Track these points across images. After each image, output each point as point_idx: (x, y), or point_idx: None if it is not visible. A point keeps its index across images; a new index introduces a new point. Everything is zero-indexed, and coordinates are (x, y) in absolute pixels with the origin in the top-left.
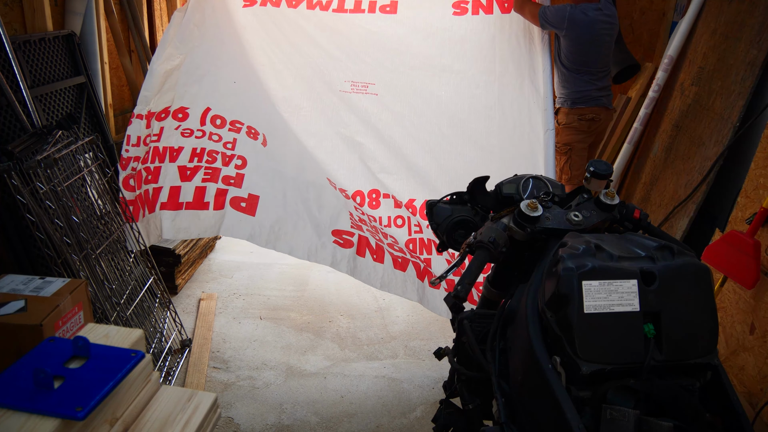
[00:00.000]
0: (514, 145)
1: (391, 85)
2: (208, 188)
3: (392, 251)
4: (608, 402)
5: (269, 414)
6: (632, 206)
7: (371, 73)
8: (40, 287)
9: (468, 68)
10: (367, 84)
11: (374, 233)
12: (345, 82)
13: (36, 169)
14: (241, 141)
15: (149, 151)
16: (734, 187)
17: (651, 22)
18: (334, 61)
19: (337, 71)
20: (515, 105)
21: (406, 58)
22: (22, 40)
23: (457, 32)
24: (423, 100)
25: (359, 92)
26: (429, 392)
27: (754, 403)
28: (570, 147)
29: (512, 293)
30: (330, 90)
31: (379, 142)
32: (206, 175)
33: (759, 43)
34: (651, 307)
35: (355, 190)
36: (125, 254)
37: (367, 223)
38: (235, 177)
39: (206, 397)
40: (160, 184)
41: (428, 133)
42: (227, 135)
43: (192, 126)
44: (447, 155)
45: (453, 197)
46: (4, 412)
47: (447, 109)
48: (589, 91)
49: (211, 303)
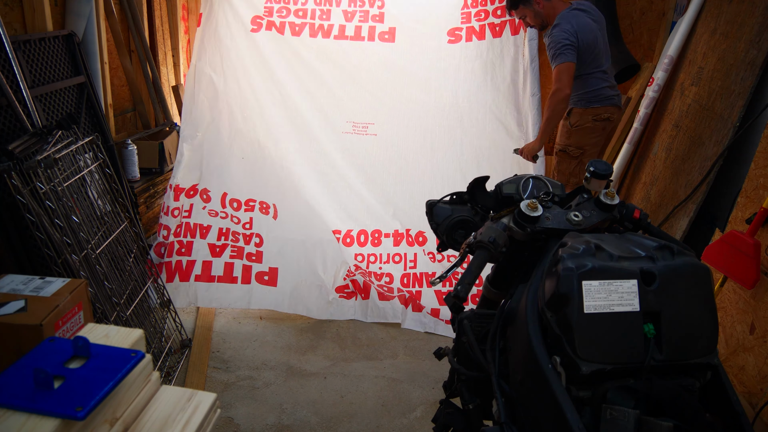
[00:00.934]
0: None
1: (391, 123)
2: (235, 264)
3: (378, 289)
4: (608, 402)
5: (269, 414)
6: (632, 206)
7: (371, 112)
8: (40, 287)
9: (461, 101)
10: (367, 124)
11: (365, 273)
12: (347, 122)
13: (36, 169)
14: (256, 219)
15: (181, 225)
16: (734, 187)
17: (651, 22)
18: (336, 100)
19: (339, 111)
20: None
21: (405, 91)
22: (22, 40)
23: (452, 61)
24: (419, 137)
25: (360, 133)
26: (429, 392)
27: (754, 403)
28: (582, 150)
29: (512, 293)
30: (333, 132)
31: (378, 182)
32: (233, 252)
33: (759, 43)
34: (651, 307)
35: (360, 229)
36: (125, 254)
37: (360, 268)
38: (256, 254)
39: (206, 397)
40: (193, 257)
41: (424, 168)
42: (244, 216)
43: (215, 208)
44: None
45: (453, 197)
46: (4, 412)
47: (441, 143)
48: (600, 90)
49: None
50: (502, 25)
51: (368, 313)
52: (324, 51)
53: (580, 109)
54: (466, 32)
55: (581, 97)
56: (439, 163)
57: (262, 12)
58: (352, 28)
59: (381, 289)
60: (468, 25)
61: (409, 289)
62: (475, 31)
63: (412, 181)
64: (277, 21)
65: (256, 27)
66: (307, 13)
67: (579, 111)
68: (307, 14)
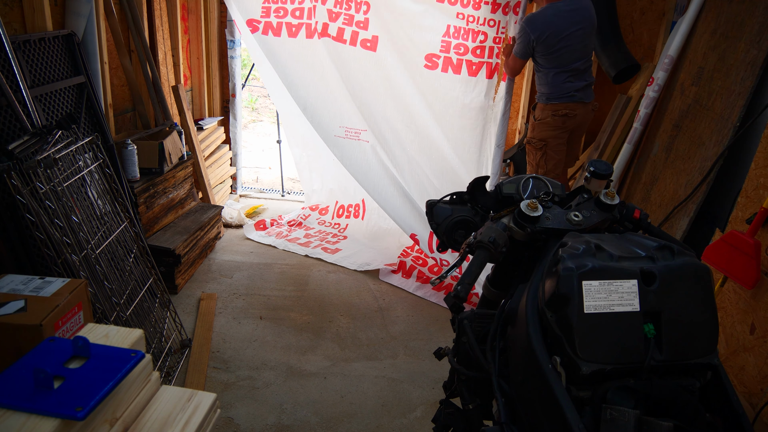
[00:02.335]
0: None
1: (380, 135)
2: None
3: (423, 269)
4: (608, 402)
5: (269, 414)
6: (632, 206)
7: (362, 119)
8: (39, 287)
9: (434, 124)
10: (359, 131)
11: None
12: (340, 127)
13: (36, 169)
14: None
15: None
16: (734, 187)
17: (651, 22)
18: (329, 104)
19: (332, 115)
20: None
21: (389, 103)
22: (21, 40)
23: (426, 85)
24: (402, 151)
25: (352, 138)
26: (429, 392)
27: (754, 403)
28: (545, 142)
29: (512, 293)
30: (326, 136)
31: (375, 190)
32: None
33: (759, 43)
34: (651, 307)
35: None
36: (125, 254)
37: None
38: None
39: (206, 397)
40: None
41: (415, 181)
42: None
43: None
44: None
45: (453, 197)
46: (4, 412)
47: (419, 161)
48: (563, 88)
49: (211, 303)
50: (479, 66)
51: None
52: (317, 55)
53: (541, 105)
54: (443, 62)
55: (542, 93)
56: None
57: (259, 14)
58: (335, 28)
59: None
60: (446, 55)
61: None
62: (452, 63)
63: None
64: (274, 21)
65: (253, 29)
66: (303, 13)
67: (541, 106)
68: (304, 14)
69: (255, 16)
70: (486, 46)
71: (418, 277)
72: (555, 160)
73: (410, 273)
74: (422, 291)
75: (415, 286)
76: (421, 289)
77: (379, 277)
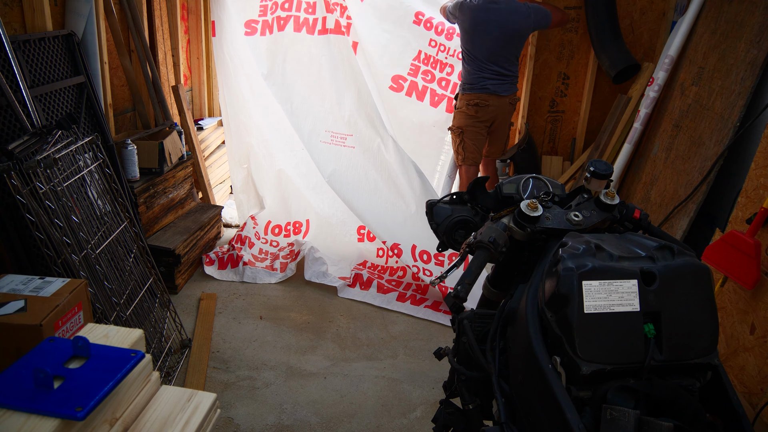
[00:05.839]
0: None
1: (363, 140)
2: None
3: (381, 281)
4: (608, 402)
5: (269, 414)
6: (632, 206)
7: (347, 125)
8: (39, 287)
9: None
10: (345, 136)
11: (371, 270)
12: (326, 132)
13: (36, 169)
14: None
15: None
16: (734, 187)
17: (651, 22)
18: (314, 107)
19: (317, 120)
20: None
21: (372, 114)
22: (21, 40)
23: (390, 104)
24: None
25: (338, 144)
26: (429, 392)
27: (754, 403)
28: (461, 129)
29: (512, 293)
30: (310, 142)
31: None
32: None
33: (759, 43)
34: (651, 307)
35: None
36: (125, 254)
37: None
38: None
39: (206, 397)
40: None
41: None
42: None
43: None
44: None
45: (453, 197)
46: (4, 412)
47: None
48: (476, 78)
49: (211, 303)
50: (441, 98)
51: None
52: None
53: (460, 94)
54: (409, 86)
55: (461, 83)
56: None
57: (257, 14)
58: (333, 20)
59: (380, 280)
60: (413, 79)
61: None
62: (417, 89)
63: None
64: (270, 19)
65: (250, 31)
66: (292, 5)
67: (460, 95)
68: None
69: (254, 16)
70: (451, 80)
71: (378, 287)
72: (472, 147)
73: (369, 284)
74: (379, 300)
75: (379, 297)
76: (378, 298)
77: (338, 295)
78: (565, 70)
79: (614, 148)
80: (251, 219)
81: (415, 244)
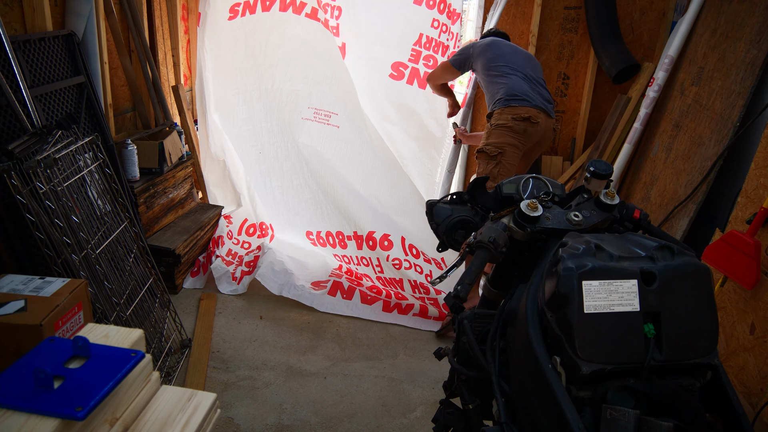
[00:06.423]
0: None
1: (352, 118)
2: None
3: (362, 289)
4: (608, 402)
5: (269, 414)
6: (632, 206)
7: (334, 102)
8: (39, 287)
9: (399, 127)
10: (330, 113)
11: (349, 276)
12: (308, 108)
13: (36, 169)
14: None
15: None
16: (734, 187)
17: (651, 22)
18: (298, 85)
19: (301, 98)
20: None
21: (362, 96)
22: (21, 40)
23: (391, 95)
24: (374, 139)
25: (321, 122)
26: (429, 392)
27: (754, 403)
28: (501, 150)
29: (512, 293)
30: (292, 120)
31: (338, 179)
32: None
33: (759, 43)
34: (651, 307)
35: (326, 231)
36: (125, 254)
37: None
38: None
39: (206, 397)
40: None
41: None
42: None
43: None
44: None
45: (453, 197)
46: (4, 412)
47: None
48: (522, 90)
49: (211, 303)
50: None
51: (353, 311)
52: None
53: (500, 109)
54: (410, 73)
55: (501, 97)
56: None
57: None
58: (310, 7)
59: (364, 288)
60: (414, 66)
61: (388, 289)
62: (418, 75)
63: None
64: (252, 0)
65: (233, 15)
66: None
67: (499, 111)
68: None
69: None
70: None
71: (362, 297)
72: (508, 174)
73: (351, 293)
74: (366, 312)
75: (364, 309)
76: (364, 309)
77: (318, 310)
78: (565, 70)
79: (614, 148)
80: (225, 219)
81: (404, 236)
